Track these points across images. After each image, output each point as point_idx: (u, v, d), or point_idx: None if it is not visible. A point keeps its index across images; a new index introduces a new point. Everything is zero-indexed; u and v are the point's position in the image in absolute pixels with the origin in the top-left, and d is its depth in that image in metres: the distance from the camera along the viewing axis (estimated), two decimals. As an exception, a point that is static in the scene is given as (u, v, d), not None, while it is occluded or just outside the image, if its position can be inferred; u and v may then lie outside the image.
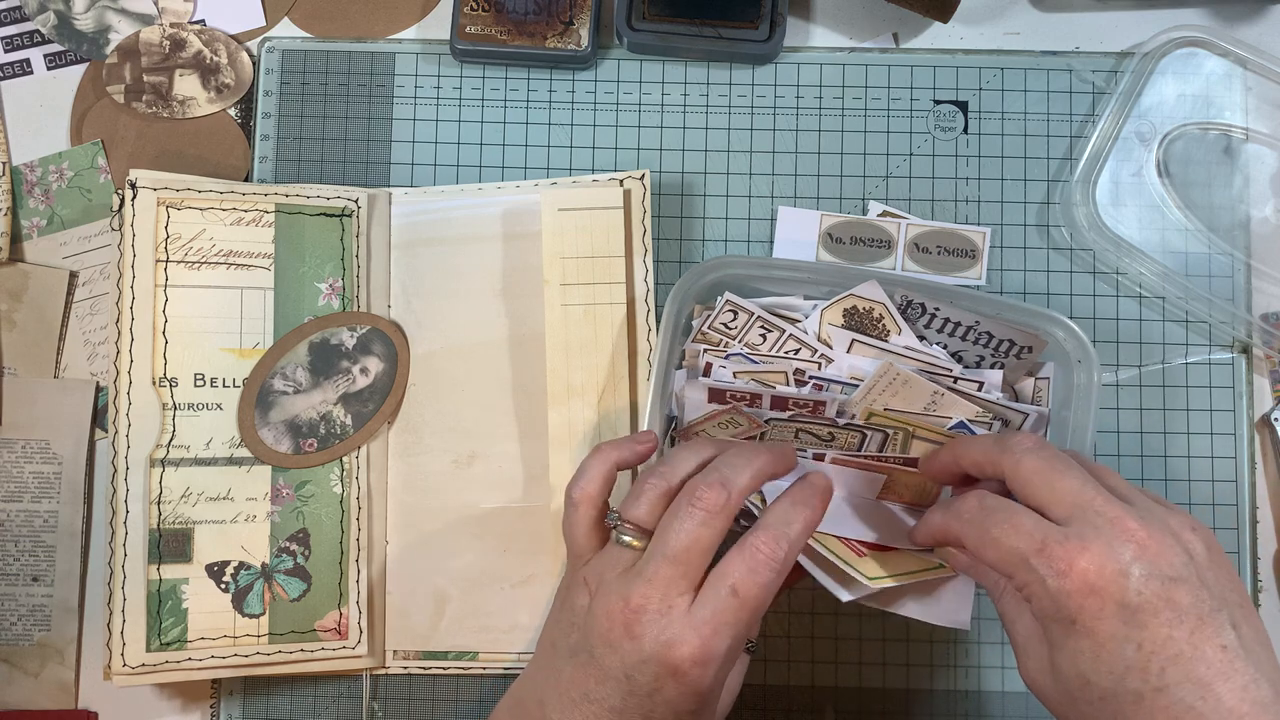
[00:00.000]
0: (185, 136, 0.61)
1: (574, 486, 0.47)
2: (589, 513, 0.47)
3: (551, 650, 0.45)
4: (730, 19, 0.59)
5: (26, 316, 0.59)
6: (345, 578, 0.57)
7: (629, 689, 0.42)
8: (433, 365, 0.59)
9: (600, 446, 0.49)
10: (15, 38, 0.62)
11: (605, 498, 0.47)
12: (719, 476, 0.44)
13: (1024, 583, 0.41)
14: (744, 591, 0.42)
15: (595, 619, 0.43)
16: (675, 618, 0.41)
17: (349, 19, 0.63)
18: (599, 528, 0.47)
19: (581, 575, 0.45)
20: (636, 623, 0.41)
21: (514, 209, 0.59)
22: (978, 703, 0.57)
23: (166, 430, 0.56)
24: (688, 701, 0.42)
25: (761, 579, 0.42)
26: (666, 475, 0.45)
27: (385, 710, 0.58)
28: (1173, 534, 0.40)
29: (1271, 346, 0.58)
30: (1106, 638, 0.39)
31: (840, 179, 0.60)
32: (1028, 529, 0.41)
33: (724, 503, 0.43)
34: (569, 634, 0.44)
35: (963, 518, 0.44)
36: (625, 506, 0.45)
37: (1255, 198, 0.60)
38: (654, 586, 0.42)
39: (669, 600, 0.42)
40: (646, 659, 0.41)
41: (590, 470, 0.47)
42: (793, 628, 0.58)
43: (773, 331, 0.54)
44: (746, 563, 0.42)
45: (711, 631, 0.41)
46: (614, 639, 0.42)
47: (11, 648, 0.57)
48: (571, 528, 0.47)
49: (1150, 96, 0.60)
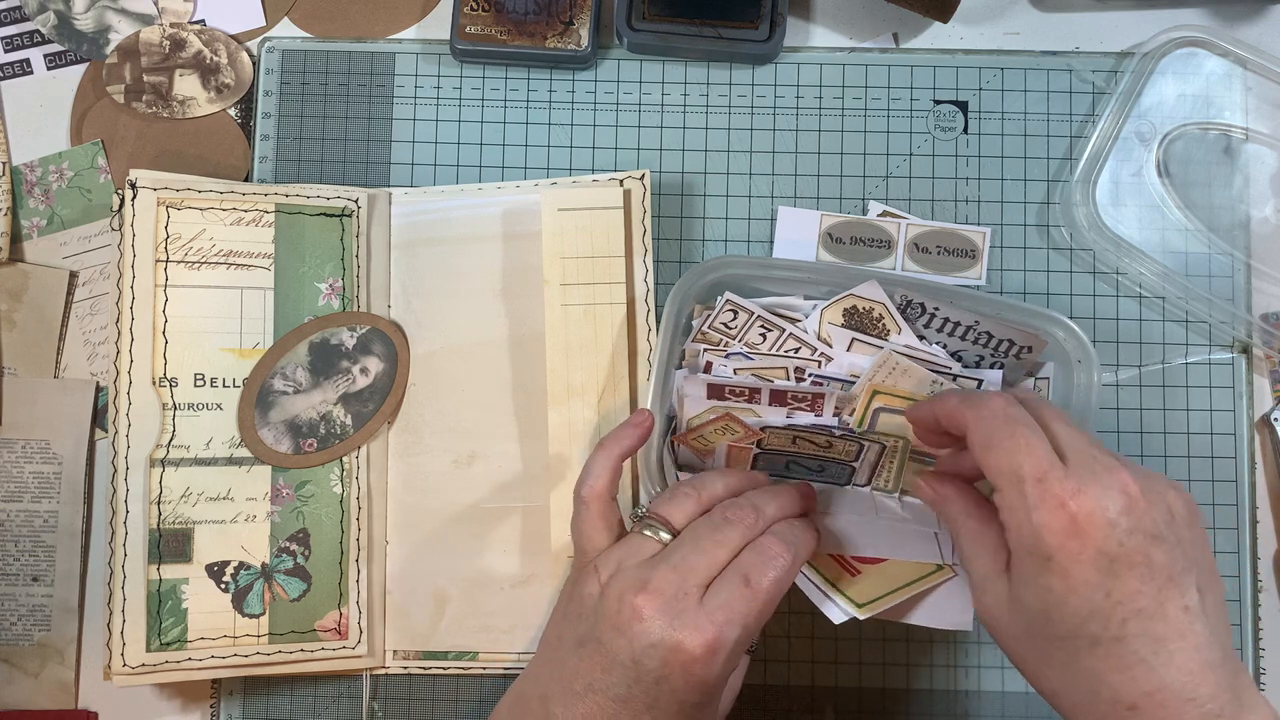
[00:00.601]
0: (185, 136, 0.61)
1: (582, 485, 0.48)
2: (599, 509, 0.48)
3: (556, 643, 0.46)
4: (730, 19, 0.59)
5: (26, 316, 0.59)
6: (345, 578, 0.57)
7: (635, 675, 0.42)
8: (433, 365, 0.59)
9: (602, 443, 0.49)
10: (15, 38, 0.62)
11: (613, 493, 0.48)
12: (750, 503, 0.46)
13: (1009, 505, 0.41)
14: (756, 583, 0.43)
15: (606, 603, 0.43)
16: (689, 606, 0.42)
17: (349, 19, 0.63)
18: (610, 523, 0.48)
19: (593, 564, 0.46)
20: (649, 605, 0.42)
21: (514, 209, 0.59)
22: (978, 703, 0.57)
23: (166, 430, 0.56)
24: (694, 693, 0.42)
25: (773, 573, 0.44)
26: (698, 488, 0.48)
27: (385, 710, 0.58)
28: (1159, 493, 0.41)
29: (1271, 346, 0.58)
30: (1080, 581, 0.39)
31: (840, 179, 0.60)
32: (1039, 453, 0.41)
33: (754, 522, 0.45)
34: (576, 625, 0.45)
35: (981, 411, 0.43)
36: (657, 504, 0.47)
37: (1255, 198, 0.60)
38: (676, 574, 0.43)
39: (685, 588, 0.43)
40: (655, 644, 0.42)
41: (596, 467, 0.48)
42: (793, 628, 0.58)
43: (773, 331, 0.54)
44: (759, 556, 0.44)
45: (724, 619, 0.42)
46: (623, 622, 0.42)
47: (11, 648, 0.57)
48: (582, 524, 0.48)
49: (1150, 96, 0.60)
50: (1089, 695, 0.40)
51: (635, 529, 0.46)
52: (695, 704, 0.43)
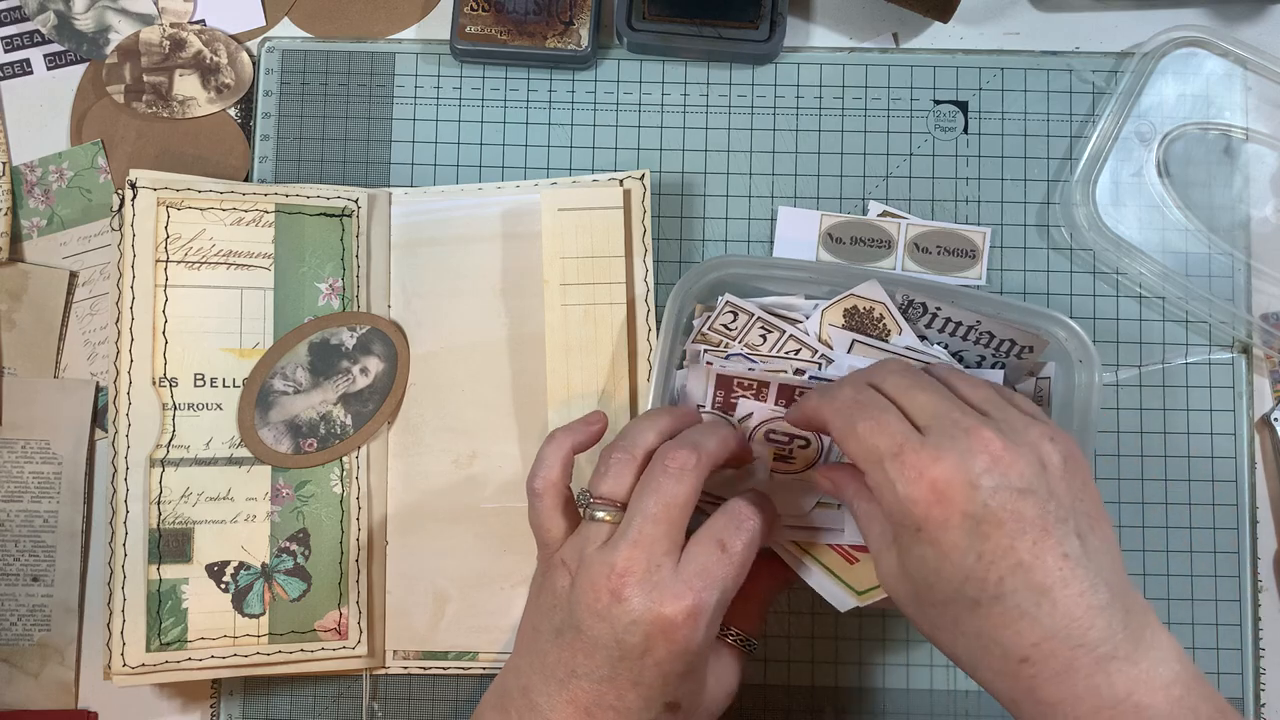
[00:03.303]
0: (185, 136, 0.61)
1: (534, 478, 0.47)
2: (554, 500, 0.47)
3: (533, 635, 0.45)
4: (730, 19, 0.59)
5: (26, 316, 0.59)
6: (345, 578, 0.57)
7: (619, 654, 0.42)
8: (433, 365, 0.59)
9: (554, 433, 0.49)
10: (15, 38, 0.62)
11: (567, 483, 0.48)
12: (687, 441, 0.45)
13: (876, 484, 0.41)
14: (730, 545, 0.43)
15: (580, 593, 0.43)
16: (664, 575, 0.42)
17: (349, 19, 0.63)
18: (567, 513, 0.47)
19: (559, 558, 0.45)
20: (624, 586, 0.42)
21: (514, 209, 0.59)
22: (977, 703, 0.57)
23: (166, 430, 0.56)
24: (677, 661, 0.42)
25: (745, 535, 0.44)
26: (628, 448, 0.46)
27: (385, 710, 0.58)
28: (1030, 444, 0.41)
29: (1271, 346, 0.58)
30: (950, 547, 0.39)
31: (840, 179, 0.60)
32: (891, 430, 0.41)
33: (695, 462, 0.44)
34: (551, 616, 0.44)
35: (834, 404, 0.44)
36: (594, 483, 0.46)
37: (1255, 198, 0.60)
38: (639, 548, 0.42)
39: (655, 559, 0.42)
40: (637, 619, 0.41)
41: (548, 458, 0.48)
42: (793, 628, 0.58)
43: (773, 332, 0.54)
44: (730, 518, 0.44)
45: (702, 585, 0.42)
46: (601, 607, 0.42)
47: (11, 648, 0.57)
48: (539, 517, 0.47)
49: (1150, 96, 0.60)
50: (981, 653, 0.40)
51: (585, 515, 0.46)
52: (680, 673, 0.43)
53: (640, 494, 0.44)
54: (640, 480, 0.45)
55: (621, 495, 0.45)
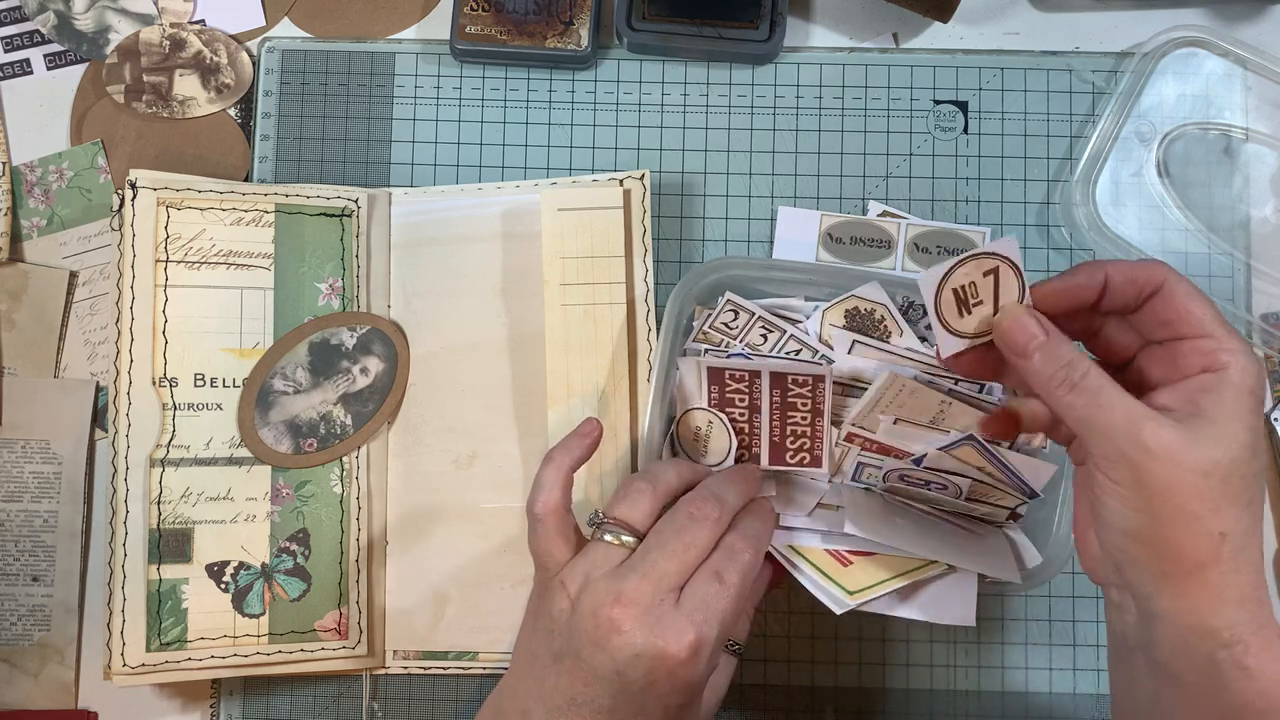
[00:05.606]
0: (185, 136, 0.61)
1: (534, 502, 0.46)
2: (556, 524, 0.46)
3: (530, 659, 0.45)
4: (730, 19, 0.59)
5: (26, 316, 0.59)
6: (345, 577, 0.57)
7: (620, 687, 0.42)
8: (433, 365, 0.59)
9: (550, 455, 0.48)
10: (15, 38, 0.62)
11: (568, 505, 0.47)
12: (711, 493, 0.45)
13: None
14: (728, 576, 0.43)
15: (581, 620, 0.42)
16: (666, 611, 0.42)
17: (349, 19, 0.63)
18: (569, 536, 0.46)
19: (559, 579, 0.44)
20: (627, 618, 0.41)
21: (514, 209, 0.59)
22: (978, 703, 0.57)
23: (166, 430, 0.56)
24: (679, 694, 0.42)
25: (741, 567, 0.44)
26: (652, 481, 0.46)
27: (385, 710, 0.58)
28: None
29: (1271, 346, 0.58)
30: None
31: (840, 179, 0.60)
32: None
33: (719, 515, 0.44)
34: (549, 640, 0.44)
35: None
36: (613, 507, 0.45)
37: (1255, 198, 0.60)
38: (649, 581, 0.42)
39: (660, 595, 0.42)
40: (640, 654, 0.41)
41: (547, 481, 0.47)
42: (793, 628, 0.58)
43: (773, 332, 0.54)
44: (724, 551, 0.44)
45: (703, 619, 0.42)
46: (601, 637, 0.42)
47: (11, 648, 0.57)
48: (541, 541, 0.46)
49: (1150, 96, 0.60)
50: None
51: (595, 536, 0.45)
52: (681, 705, 0.43)
53: (661, 532, 0.44)
54: (663, 519, 0.45)
55: (636, 521, 0.45)
